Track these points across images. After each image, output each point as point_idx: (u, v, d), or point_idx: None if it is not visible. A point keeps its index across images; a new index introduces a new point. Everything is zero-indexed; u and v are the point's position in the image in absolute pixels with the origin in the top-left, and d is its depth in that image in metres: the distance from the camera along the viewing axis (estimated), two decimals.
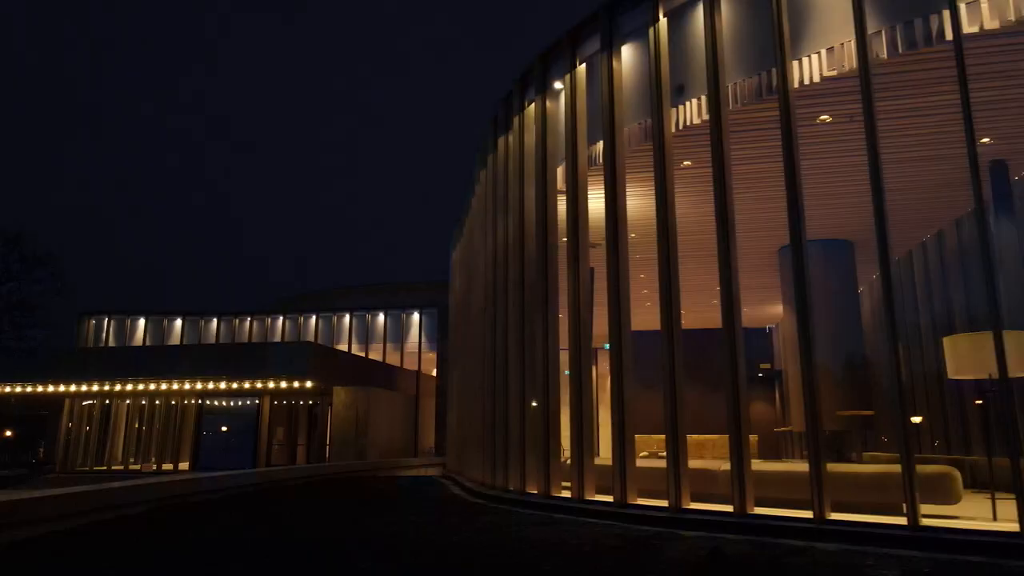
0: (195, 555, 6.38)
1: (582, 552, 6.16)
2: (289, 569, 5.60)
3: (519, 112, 12.20)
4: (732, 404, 7.92)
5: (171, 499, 10.61)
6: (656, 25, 9.46)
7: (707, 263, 15.00)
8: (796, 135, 8.01)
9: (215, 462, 27.12)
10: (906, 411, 6.80)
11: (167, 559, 6.20)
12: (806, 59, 8.60)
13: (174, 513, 9.17)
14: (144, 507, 9.59)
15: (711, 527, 7.62)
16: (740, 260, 16.39)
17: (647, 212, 11.15)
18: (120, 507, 9.06)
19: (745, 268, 16.45)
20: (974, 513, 7.31)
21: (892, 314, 7.05)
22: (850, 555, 6.06)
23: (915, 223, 14.13)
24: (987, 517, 7.10)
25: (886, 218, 7.29)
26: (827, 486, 7.17)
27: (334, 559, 6.03)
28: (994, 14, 7.46)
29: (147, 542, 7.07)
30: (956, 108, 9.35)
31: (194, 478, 12.80)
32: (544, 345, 10.64)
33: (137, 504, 9.63)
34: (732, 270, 8.21)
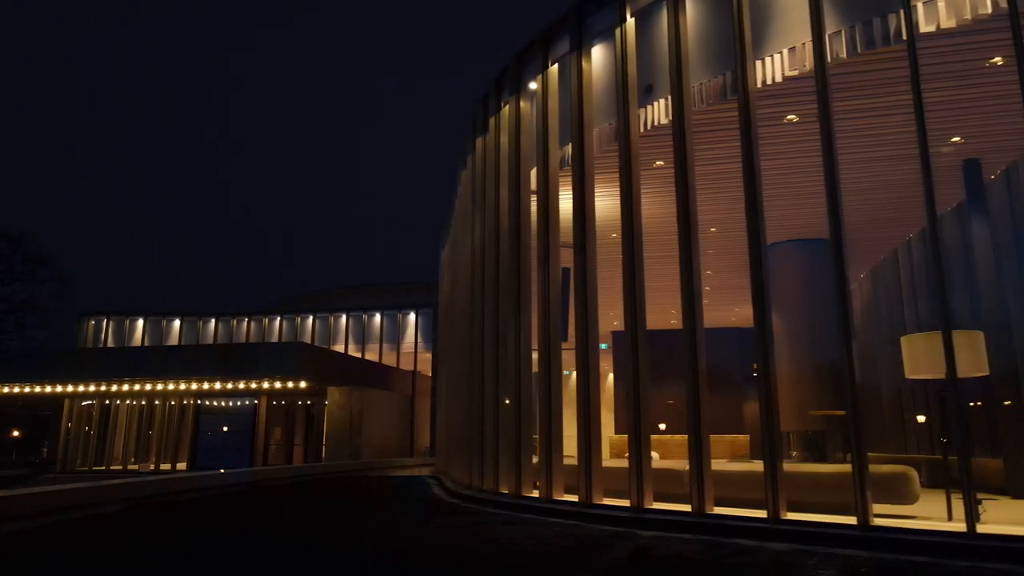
0: (134, 552, 6.44)
1: (527, 552, 6.18)
2: (216, 568, 5.66)
3: (495, 113, 12.24)
4: (692, 405, 7.93)
5: (148, 499, 10.70)
6: (623, 26, 9.49)
7: (663, 263, 15.02)
8: (756, 135, 8.01)
9: (213, 462, 27.32)
10: (858, 411, 6.80)
11: (104, 557, 6.27)
12: (768, 59, 8.61)
13: (143, 513, 9.24)
14: (117, 507, 9.67)
15: (669, 527, 7.64)
16: (722, 259, 16.51)
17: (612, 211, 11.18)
18: (91, 506, 9.14)
19: (729, 267, 16.61)
20: (931, 513, 7.30)
21: (847, 314, 7.05)
22: (796, 555, 6.07)
23: (898, 222, 14.09)
24: (943, 517, 7.08)
25: (841, 219, 7.29)
26: (782, 486, 7.17)
27: (271, 559, 6.07)
28: (951, 13, 7.44)
29: (98, 541, 7.12)
30: (927, 106, 9.44)
31: (176, 478, 12.89)
32: (516, 345, 10.67)
33: (111, 503, 9.71)
34: (694, 270, 8.21)
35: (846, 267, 7.17)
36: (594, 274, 9.53)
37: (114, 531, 7.66)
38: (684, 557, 5.81)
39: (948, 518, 7.01)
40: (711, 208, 12.64)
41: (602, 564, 5.66)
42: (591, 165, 9.82)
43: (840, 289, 7.12)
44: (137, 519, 8.41)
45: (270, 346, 27.59)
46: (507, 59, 11.85)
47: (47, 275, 47.93)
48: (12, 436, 55.68)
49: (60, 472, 30.24)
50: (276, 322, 33.90)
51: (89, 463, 30.46)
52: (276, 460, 29.10)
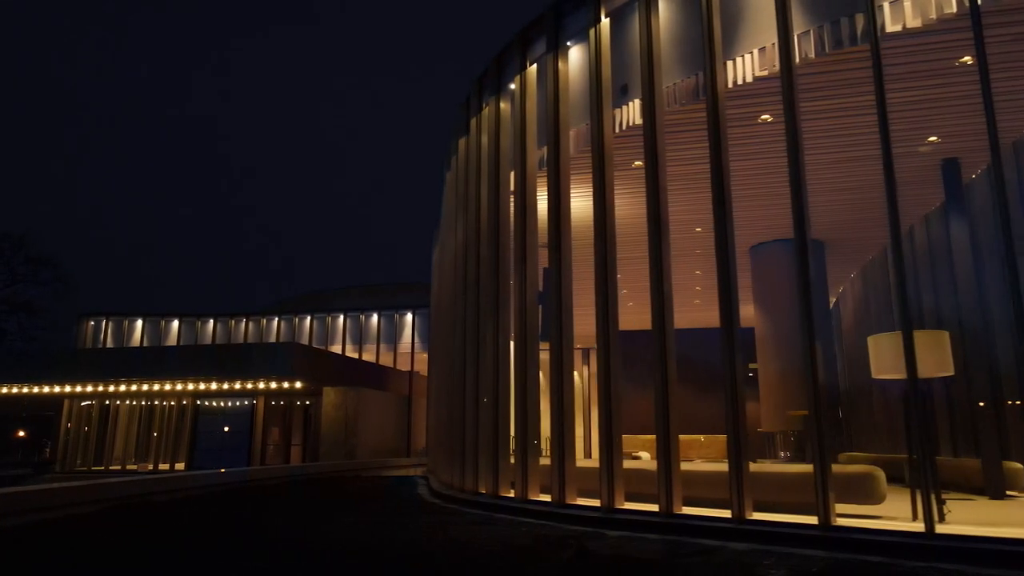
0: (90, 551, 6.50)
1: (482, 552, 6.21)
2: (162, 567, 5.71)
3: (476, 114, 12.26)
4: (661, 406, 7.93)
5: (128, 499, 10.76)
6: (597, 26, 9.50)
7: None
8: (725, 135, 8.02)
9: (211, 462, 27.41)
10: (820, 411, 6.80)
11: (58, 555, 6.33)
12: (740, 59, 8.62)
13: (118, 513, 9.29)
14: (95, 507, 9.74)
15: (637, 527, 7.65)
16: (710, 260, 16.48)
17: (623, 211, 11.16)
18: (68, 507, 9.20)
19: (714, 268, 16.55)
20: (898, 513, 7.29)
21: (810, 312, 7.06)
22: (753, 555, 6.08)
23: (883, 221, 14.03)
24: (908, 517, 7.07)
25: (806, 218, 7.28)
26: (747, 487, 7.17)
27: (225, 558, 6.11)
28: (916, 12, 7.44)
29: (54, 541, 7.16)
30: (901, 106, 9.45)
31: (161, 478, 12.96)
32: (494, 344, 10.69)
33: (89, 504, 9.77)
34: (663, 270, 8.21)
35: (809, 267, 7.18)
36: (569, 274, 9.55)
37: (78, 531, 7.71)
38: (632, 558, 5.82)
39: (913, 518, 7.00)
40: (696, 208, 12.63)
41: (550, 565, 5.68)
42: (567, 165, 9.84)
43: (802, 289, 7.12)
44: (109, 519, 8.47)
45: (264, 346, 27.68)
46: (489, 60, 11.88)
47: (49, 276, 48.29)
48: (17, 436, 56.16)
49: (59, 472, 30.41)
50: (274, 322, 34.01)
51: (88, 463, 30.61)
52: (274, 460, 29.18)
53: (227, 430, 28.86)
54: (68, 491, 9.38)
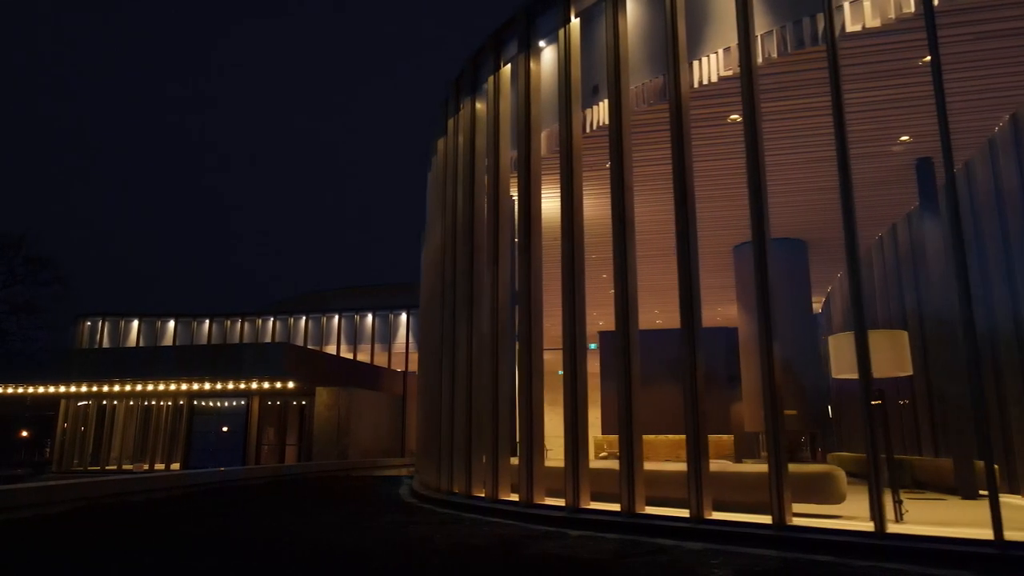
0: (38, 553, 6.54)
1: (430, 552, 6.23)
2: (113, 568, 5.75)
3: (454, 115, 12.29)
4: (624, 406, 7.94)
5: (103, 498, 10.81)
6: (567, 27, 9.51)
7: (649, 263, 15.07)
8: (688, 135, 8.01)
9: (206, 462, 27.51)
10: (777, 410, 6.80)
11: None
12: (706, 59, 8.63)
13: (88, 513, 9.34)
14: (67, 507, 9.79)
15: (599, 527, 7.66)
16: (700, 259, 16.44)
17: (602, 211, 11.12)
18: (38, 506, 9.25)
19: (711, 267, 16.57)
20: (857, 512, 7.28)
21: (767, 312, 7.05)
22: (703, 555, 6.08)
23: (865, 221, 14.03)
24: (867, 516, 7.06)
25: (765, 218, 7.28)
26: (706, 486, 7.18)
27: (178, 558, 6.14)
28: (876, 12, 7.44)
29: (9, 543, 7.20)
30: (870, 105, 9.45)
31: (141, 477, 13.02)
32: (468, 345, 10.71)
33: (62, 503, 9.82)
34: (628, 271, 8.21)
35: (768, 266, 7.17)
36: (539, 275, 9.56)
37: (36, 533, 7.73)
38: (578, 559, 5.83)
39: (871, 518, 6.99)
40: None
41: (492, 566, 5.70)
42: (538, 165, 9.85)
43: (761, 288, 7.12)
44: (74, 520, 8.50)
45: (256, 346, 27.75)
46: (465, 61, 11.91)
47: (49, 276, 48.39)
48: (20, 436, 56.52)
49: (54, 472, 30.54)
50: (269, 323, 34.09)
51: (85, 463, 30.74)
52: (268, 460, 29.25)
53: (226, 430, 28.96)
54: (38, 491, 9.43)
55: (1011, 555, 5.39)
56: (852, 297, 6.56)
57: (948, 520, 7.19)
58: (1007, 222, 9.90)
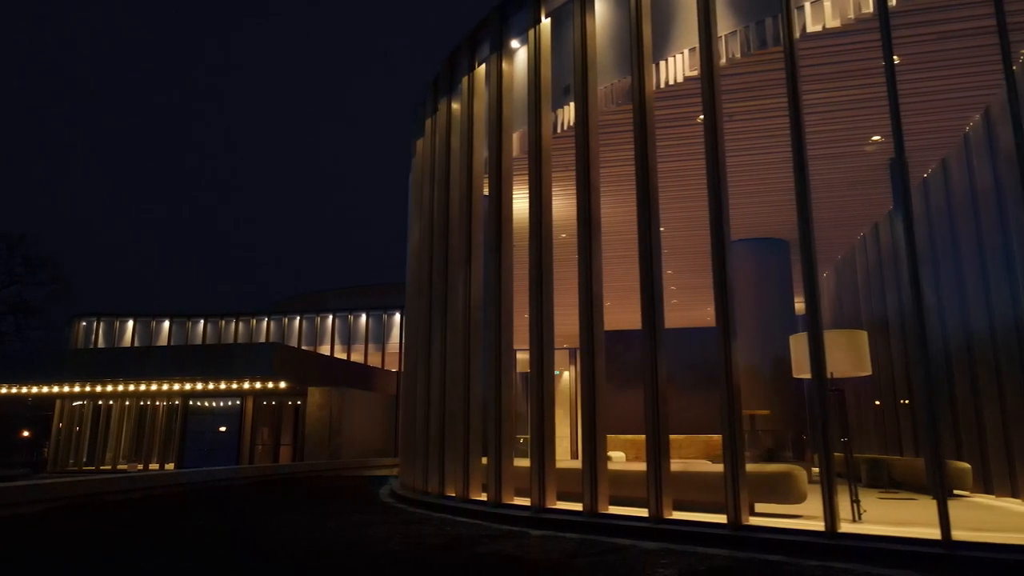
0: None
1: (382, 551, 6.25)
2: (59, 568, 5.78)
3: (432, 115, 12.31)
4: (588, 405, 7.95)
5: (82, 498, 10.86)
6: (537, 27, 9.52)
7: (621, 263, 15.08)
8: (653, 135, 8.02)
9: (201, 462, 27.60)
10: (734, 410, 6.80)
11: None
12: (672, 59, 8.64)
13: (62, 513, 9.38)
14: (42, 506, 9.83)
15: (561, 526, 7.68)
16: (682, 259, 16.45)
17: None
18: (13, 506, 9.29)
19: (694, 267, 16.58)
20: (817, 512, 7.27)
21: (727, 312, 7.06)
22: (655, 554, 6.09)
23: (845, 221, 14.04)
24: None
25: (724, 218, 7.27)
26: (666, 486, 7.19)
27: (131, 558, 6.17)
28: (835, 13, 7.44)
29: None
30: (838, 105, 9.45)
31: (122, 477, 13.06)
32: (442, 345, 10.74)
33: (37, 503, 9.87)
34: (593, 273, 8.22)
35: (727, 265, 7.16)
36: (509, 276, 9.58)
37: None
38: (525, 560, 5.85)
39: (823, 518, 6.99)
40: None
41: (438, 564, 5.72)
42: (509, 165, 9.86)
43: (719, 286, 7.12)
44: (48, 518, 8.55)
45: (245, 347, 27.79)
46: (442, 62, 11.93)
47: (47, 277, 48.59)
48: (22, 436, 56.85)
49: (50, 471, 30.67)
50: (264, 323, 34.15)
51: (80, 463, 30.87)
52: (263, 460, 29.35)
53: (223, 430, 29.06)
54: (16, 490, 9.47)
55: (957, 555, 5.40)
56: (806, 297, 6.57)
57: (907, 520, 7.18)
58: (981, 221, 9.89)
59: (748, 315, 14.66)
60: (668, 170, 10.89)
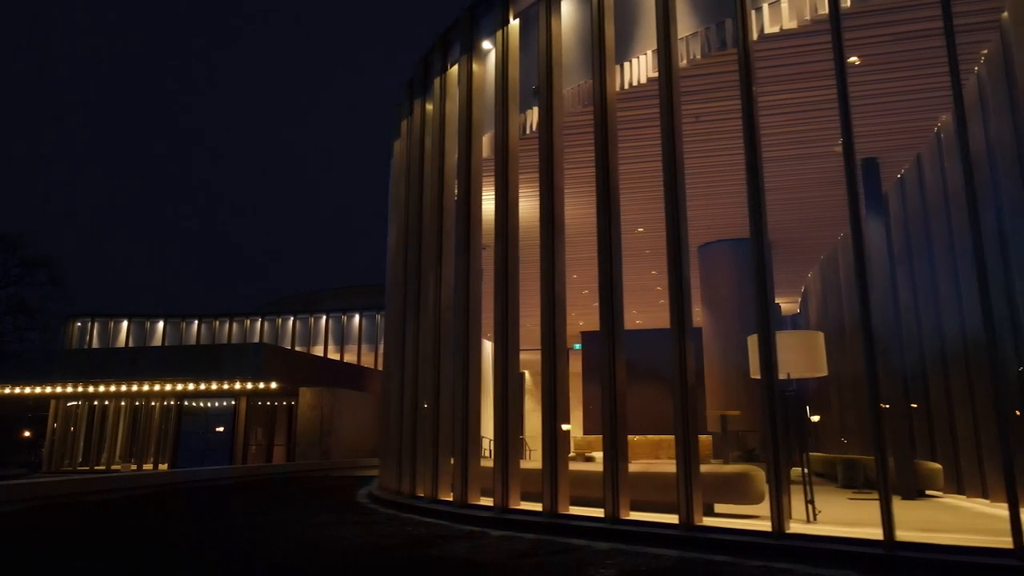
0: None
1: (336, 551, 6.27)
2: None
3: (408, 116, 12.34)
4: (548, 408, 7.96)
5: (50, 499, 10.90)
6: (505, 28, 9.54)
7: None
8: (614, 136, 8.03)
9: (194, 463, 27.66)
10: (687, 411, 6.81)
11: None
12: (636, 60, 8.65)
13: (32, 513, 9.42)
14: (20, 505, 9.87)
15: (521, 527, 7.69)
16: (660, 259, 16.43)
17: (572, 212, 11.14)
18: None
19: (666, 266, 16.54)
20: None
21: (682, 312, 7.07)
22: (605, 555, 6.10)
23: (824, 220, 14.02)
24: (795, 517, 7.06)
25: (682, 217, 7.28)
26: (623, 487, 7.20)
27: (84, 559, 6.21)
28: (792, 14, 7.44)
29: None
30: (806, 105, 9.44)
31: (101, 477, 13.11)
32: (415, 346, 10.76)
33: (18, 502, 9.91)
34: (556, 271, 8.23)
35: (685, 265, 7.17)
36: (478, 276, 9.60)
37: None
38: (473, 562, 5.86)
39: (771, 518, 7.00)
40: (635, 208, 12.68)
41: (384, 566, 5.74)
42: (478, 166, 9.89)
43: (675, 287, 7.13)
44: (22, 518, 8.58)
45: (234, 347, 27.86)
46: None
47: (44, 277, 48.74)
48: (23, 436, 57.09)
49: (44, 472, 30.76)
50: (258, 324, 34.22)
51: (74, 463, 30.95)
52: (256, 460, 29.40)
53: (221, 430, 29.11)
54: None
55: (897, 555, 5.41)
56: (757, 299, 6.58)
57: (864, 520, 7.17)
58: (953, 220, 9.88)
59: (730, 315, 14.68)
60: (649, 169, 10.86)
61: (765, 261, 6.63)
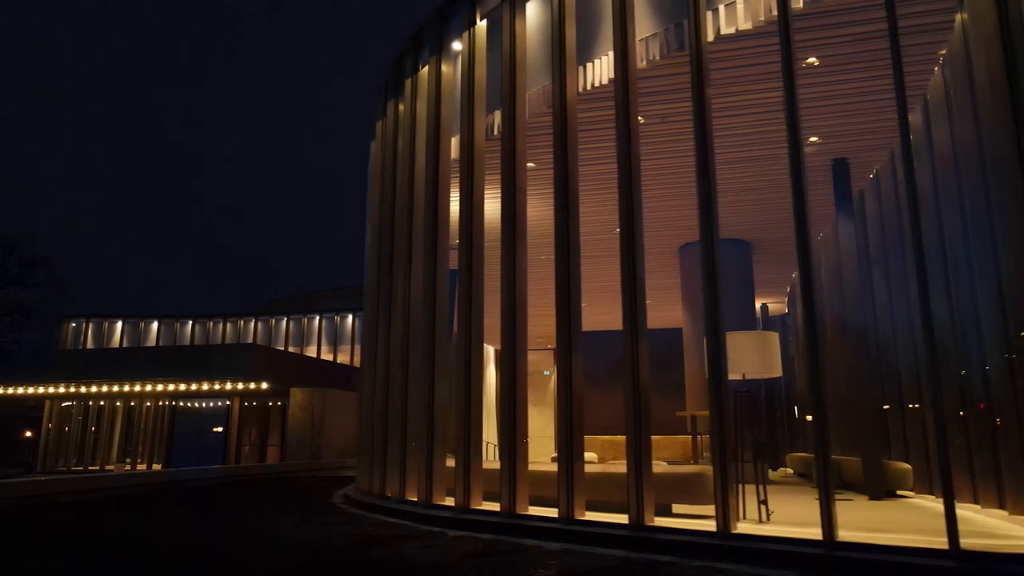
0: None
1: (284, 551, 6.30)
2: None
3: (382, 118, 12.37)
4: (508, 408, 7.97)
5: (21, 499, 10.95)
6: (472, 29, 9.56)
7: (596, 264, 15.08)
8: (575, 139, 8.03)
9: (187, 463, 27.78)
10: (640, 411, 6.82)
11: None
12: (598, 61, 8.66)
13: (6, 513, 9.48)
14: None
15: (478, 527, 7.71)
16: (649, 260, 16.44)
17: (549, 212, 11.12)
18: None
19: (651, 268, 16.56)
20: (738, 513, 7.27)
21: (635, 312, 7.08)
22: (551, 555, 6.12)
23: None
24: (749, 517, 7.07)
25: (637, 219, 7.29)
26: (578, 487, 7.21)
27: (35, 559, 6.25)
28: (747, 15, 7.45)
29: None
30: (772, 106, 9.44)
31: (83, 477, 13.16)
32: (386, 345, 10.78)
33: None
34: (517, 272, 8.24)
35: (640, 266, 7.18)
36: (444, 277, 9.62)
37: None
38: (416, 563, 5.88)
39: (740, 518, 7.01)
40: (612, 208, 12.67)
41: (320, 568, 5.77)
42: (446, 168, 9.90)
43: (630, 287, 7.14)
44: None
45: (222, 347, 27.94)
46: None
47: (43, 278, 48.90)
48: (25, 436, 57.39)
49: (39, 472, 30.89)
50: (251, 324, 34.30)
51: (69, 463, 31.08)
52: (250, 461, 29.49)
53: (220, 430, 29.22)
54: None
55: (835, 555, 5.41)
56: (706, 299, 6.58)
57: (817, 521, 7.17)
58: (921, 221, 9.85)
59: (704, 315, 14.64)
60: (611, 171, 10.87)
61: (715, 262, 6.63)
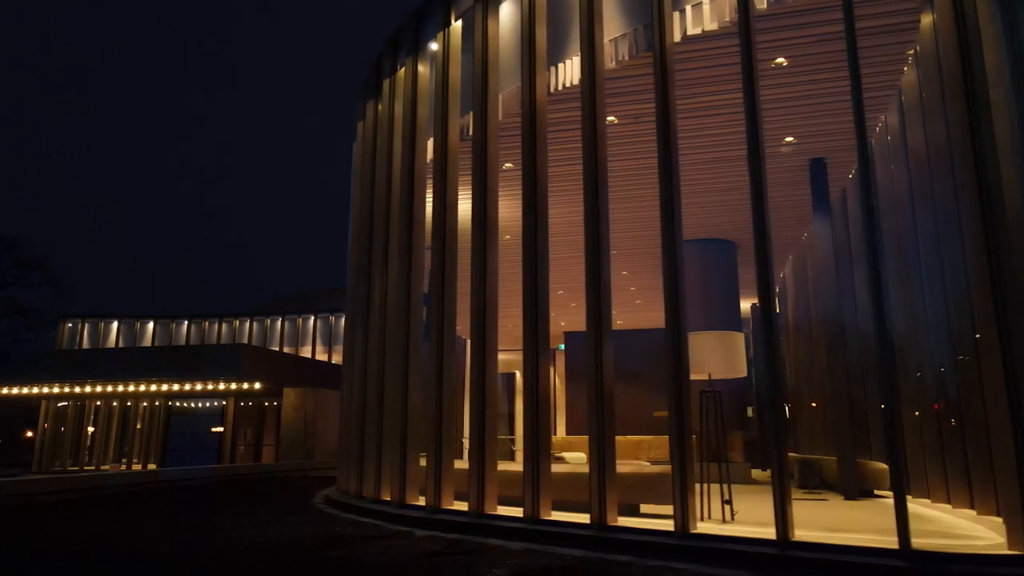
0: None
1: (245, 550, 6.33)
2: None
3: (362, 118, 12.39)
4: (477, 409, 7.99)
5: (15, 498, 11.00)
6: (447, 30, 9.58)
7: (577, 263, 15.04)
8: (544, 139, 8.05)
9: (182, 462, 27.83)
10: (603, 412, 6.83)
11: None
12: (569, 61, 8.68)
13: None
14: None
15: (447, 527, 7.74)
16: (632, 260, 16.43)
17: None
18: None
19: (642, 268, 16.59)
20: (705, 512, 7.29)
21: (600, 313, 7.09)
22: (511, 554, 6.14)
23: (788, 220, 13.98)
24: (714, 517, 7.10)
25: (602, 219, 7.30)
26: (544, 487, 7.23)
27: None
28: (713, 16, 7.46)
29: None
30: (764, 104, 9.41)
31: (68, 477, 13.21)
32: (364, 346, 10.81)
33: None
34: (488, 272, 8.26)
35: (603, 265, 7.18)
36: (419, 278, 9.65)
37: None
38: (372, 563, 5.91)
39: (703, 519, 7.04)
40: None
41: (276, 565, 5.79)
42: (422, 169, 9.93)
43: (595, 288, 7.15)
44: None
45: (213, 347, 27.99)
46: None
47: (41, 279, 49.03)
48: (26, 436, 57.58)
49: (35, 471, 30.98)
50: (247, 324, 34.35)
51: (64, 463, 31.16)
52: (245, 460, 29.53)
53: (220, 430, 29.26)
54: None
55: (788, 555, 5.43)
56: (666, 300, 6.60)
57: None
58: (897, 222, 9.87)
59: (694, 315, 14.64)
60: (614, 168, 10.84)
61: (676, 262, 6.65)
